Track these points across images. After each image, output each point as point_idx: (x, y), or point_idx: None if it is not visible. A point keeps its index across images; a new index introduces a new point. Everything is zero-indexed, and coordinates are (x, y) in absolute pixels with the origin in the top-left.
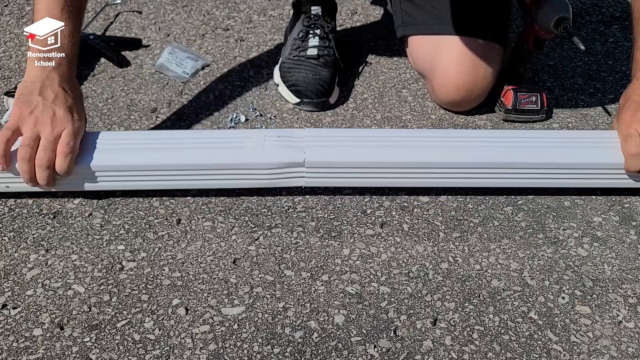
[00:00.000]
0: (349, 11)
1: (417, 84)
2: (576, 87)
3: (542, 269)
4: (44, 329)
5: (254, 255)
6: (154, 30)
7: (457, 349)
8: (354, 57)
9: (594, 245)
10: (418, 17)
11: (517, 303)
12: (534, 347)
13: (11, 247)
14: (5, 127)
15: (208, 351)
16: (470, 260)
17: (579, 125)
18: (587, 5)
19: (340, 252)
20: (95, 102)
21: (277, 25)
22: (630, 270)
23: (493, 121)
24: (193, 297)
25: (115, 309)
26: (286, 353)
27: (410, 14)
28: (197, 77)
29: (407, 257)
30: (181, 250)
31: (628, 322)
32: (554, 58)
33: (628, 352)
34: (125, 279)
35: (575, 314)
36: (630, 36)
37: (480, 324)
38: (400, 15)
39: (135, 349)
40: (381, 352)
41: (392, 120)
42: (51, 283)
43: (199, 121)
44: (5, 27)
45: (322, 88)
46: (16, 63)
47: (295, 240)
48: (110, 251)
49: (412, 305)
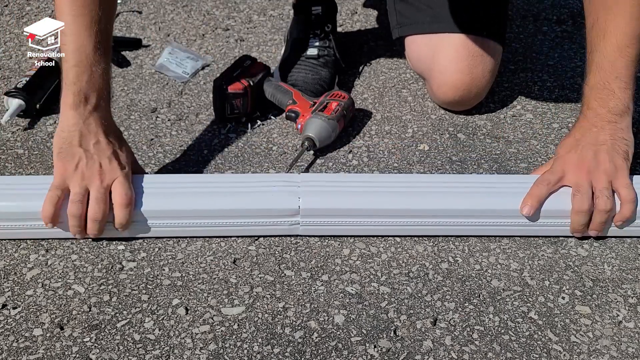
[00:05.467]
0: (349, 11)
1: (417, 84)
2: (576, 87)
3: (542, 269)
4: (44, 329)
5: (254, 255)
6: (154, 30)
7: (457, 349)
8: (354, 57)
9: (594, 245)
10: (413, 16)
11: (517, 303)
12: (534, 347)
13: (11, 247)
14: (52, 186)
15: (208, 351)
16: (470, 260)
17: None
18: None
19: (340, 252)
20: None
21: (277, 25)
22: (630, 270)
23: (493, 121)
24: (193, 297)
25: (115, 309)
26: (286, 353)
27: (405, 14)
28: (197, 77)
29: (407, 257)
30: (181, 250)
31: (628, 322)
32: (554, 58)
33: (628, 352)
34: (125, 279)
35: (575, 314)
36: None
37: (480, 324)
38: (395, 16)
39: (135, 349)
40: (381, 352)
41: (392, 120)
42: (51, 283)
43: (199, 121)
44: (5, 27)
45: (322, 88)
46: (16, 63)
47: (295, 240)
48: (110, 251)
49: (412, 305)
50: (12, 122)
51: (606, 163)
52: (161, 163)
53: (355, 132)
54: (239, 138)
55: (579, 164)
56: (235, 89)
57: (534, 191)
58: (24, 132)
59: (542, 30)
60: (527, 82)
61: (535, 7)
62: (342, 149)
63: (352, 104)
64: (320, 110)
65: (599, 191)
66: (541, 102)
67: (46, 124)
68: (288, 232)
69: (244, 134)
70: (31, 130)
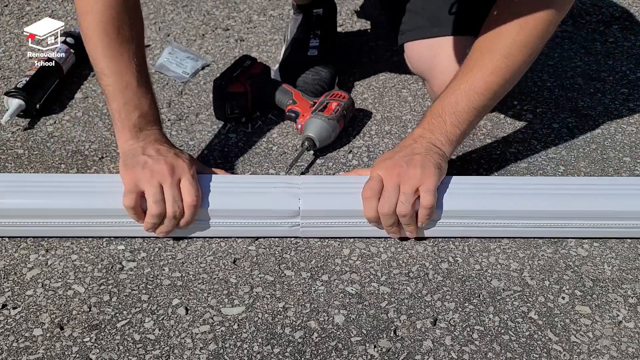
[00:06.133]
0: (349, 11)
1: (417, 84)
2: (576, 87)
3: (542, 269)
4: (44, 329)
5: (254, 255)
6: (154, 30)
7: (457, 349)
8: (354, 57)
9: (594, 245)
10: (412, 22)
11: (517, 303)
12: (534, 347)
13: (11, 247)
14: (126, 192)
15: (208, 351)
16: (470, 260)
17: (579, 125)
18: (587, 5)
19: (340, 252)
20: (95, 102)
21: (277, 25)
22: (630, 270)
23: (493, 121)
24: (193, 297)
25: (115, 309)
26: (286, 353)
27: (405, 21)
28: (197, 77)
29: (407, 257)
30: (181, 250)
31: (628, 322)
32: (554, 58)
33: (628, 352)
34: (125, 279)
35: (575, 314)
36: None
37: (480, 324)
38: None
39: (135, 349)
40: (381, 352)
41: (392, 120)
42: (51, 283)
43: (199, 121)
44: (5, 27)
45: (322, 88)
46: (16, 63)
47: (296, 240)
48: (110, 251)
49: (412, 305)
50: (12, 122)
51: (416, 169)
52: None
53: (355, 132)
54: (239, 138)
55: (392, 168)
56: (235, 89)
57: (370, 212)
58: (24, 132)
59: None
60: (527, 82)
61: None
62: (342, 149)
63: (352, 104)
64: (320, 110)
65: (400, 195)
66: (541, 102)
67: (46, 124)
68: (288, 234)
69: (244, 134)
70: (31, 130)
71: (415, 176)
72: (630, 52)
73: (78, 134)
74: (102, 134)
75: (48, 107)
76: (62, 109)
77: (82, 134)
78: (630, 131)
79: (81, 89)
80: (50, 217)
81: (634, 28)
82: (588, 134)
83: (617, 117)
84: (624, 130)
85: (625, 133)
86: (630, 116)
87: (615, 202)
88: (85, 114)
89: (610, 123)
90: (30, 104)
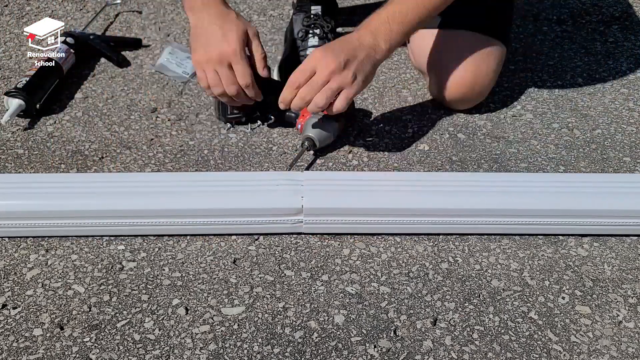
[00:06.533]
0: (349, 10)
1: (417, 84)
2: (576, 86)
3: (542, 269)
4: (44, 329)
5: (254, 255)
6: (154, 30)
7: (457, 349)
8: None
9: (594, 245)
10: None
11: (517, 303)
12: (534, 347)
13: (11, 247)
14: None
15: (208, 351)
16: (470, 260)
17: (579, 125)
18: (587, 5)
19: (340, 252)
20: (95, 102)
21: (277, 25)
22: (630, 270)
23: (493, 121)
24: (193, 297)
25: (115, 309)
26: (286, 353)
27: None
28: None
29: (407, 257)
30: (181, 250)
31: (628, 322)
32: (554, 58)
33: (628, 352)
34: (125, 279)
35: (575, 314)
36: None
37: (480, 324)
38: None
39: (135, 349)
40: (381, 352)
41: (392, 120)
42: (51, 283)
43: (199, 121)
44: (5, 27)
45: None
46: (16, 63)
47: (296, 240)
48: (110, 251)
49: (412, 305)
50: (12, 122)
51: (349, 71)
52: (161, 163)
53: (355, 132)
54: (239, 138)
55: (329, 64)
56: None
57: (291, 79)
58: (24, 132)
59: (542, 30)
60: (527, 82)
61: (535, 7)
62: (342, 149)
63: (352, 104)
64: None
65: (325, 89)
66: (541, 102)
67: (46, 124)
68: (291, 230)
69: (244, 134)
70: (31, 130)
71: (346, 78)
72: (630, 52)
73: (78, 134)
74: (102, 134)
75: (48, 107)
76: (62, 109)
77: (82, 134)
78: (630, 131)
79: (81, 89)
80: (50, 218)
81: (634, 28)
82: (588, 134)
83: (617, 117)
84: (624, 130)
85: (625, 133)
86: (630, 116)
87: (614, 200)
88: (85, 114)
89: (610, 123)
90: (30, 104)
